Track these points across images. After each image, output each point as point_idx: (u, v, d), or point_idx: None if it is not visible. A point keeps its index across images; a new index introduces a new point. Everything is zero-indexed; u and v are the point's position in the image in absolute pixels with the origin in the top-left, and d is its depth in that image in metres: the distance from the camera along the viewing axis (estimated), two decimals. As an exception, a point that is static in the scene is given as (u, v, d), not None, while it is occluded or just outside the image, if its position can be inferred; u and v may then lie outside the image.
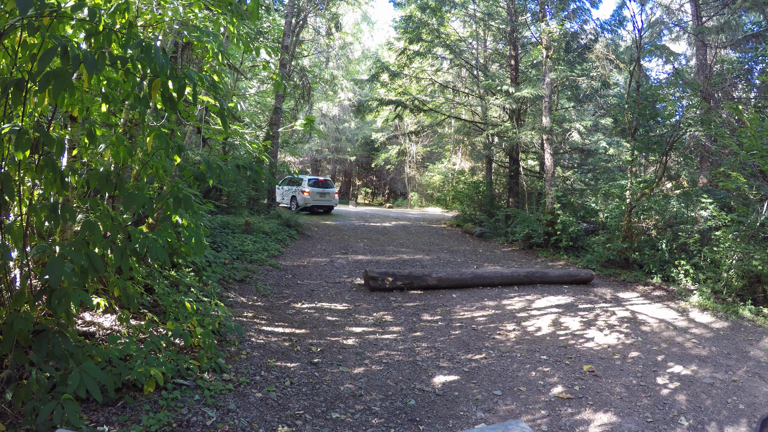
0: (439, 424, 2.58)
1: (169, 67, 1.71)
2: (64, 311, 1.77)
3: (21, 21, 1.59)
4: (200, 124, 3.64)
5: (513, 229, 10.38)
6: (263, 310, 4.51)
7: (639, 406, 2.93)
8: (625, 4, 9.65)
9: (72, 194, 2.60)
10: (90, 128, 1.86)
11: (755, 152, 5.65)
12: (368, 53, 25.01)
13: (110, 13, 1.93)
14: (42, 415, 1.69)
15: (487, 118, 13.41)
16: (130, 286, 2.54)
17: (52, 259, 1.60)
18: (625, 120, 8.24)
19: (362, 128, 24.78)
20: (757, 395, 3.18)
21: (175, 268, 4.23)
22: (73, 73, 1.89)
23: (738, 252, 5.85)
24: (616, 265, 7.85)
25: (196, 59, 4.47)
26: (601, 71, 10.80)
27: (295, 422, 2.44)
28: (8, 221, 2.04)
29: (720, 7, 9.35)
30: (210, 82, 2.16)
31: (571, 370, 3.48)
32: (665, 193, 8.30)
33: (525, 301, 5.55)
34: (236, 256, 6.24)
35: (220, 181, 2.26)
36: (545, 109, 9.71)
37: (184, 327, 3.02)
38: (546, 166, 9.78)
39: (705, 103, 7.80)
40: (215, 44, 2.83)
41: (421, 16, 11.70)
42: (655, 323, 4.86)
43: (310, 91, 13.38)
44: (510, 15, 11.69)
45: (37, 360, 1.76)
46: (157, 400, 2.37)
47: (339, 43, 18.08)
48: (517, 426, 1.72)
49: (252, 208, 11.18)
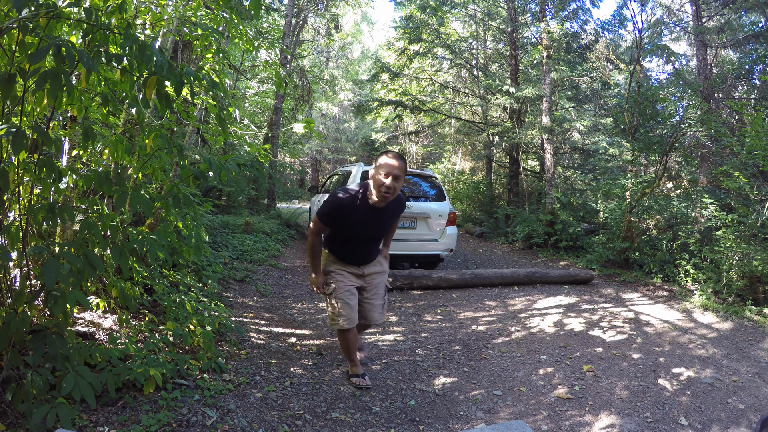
0: (439, 424, 2.58)
1: (166, 65, 1.71)
2: (61, 312, 1.77)
3: (17, 21, 1.59)
4: (200, 125, 3.64)
5: (513, 229, 10.38)
6: (263, 310, 4.51)
7: (639, 406, 2.92)
8: (626, 4, 9.65)
9: (72, 194, 2.60)
10: (87, 127, 1.86)
11: (758, 152, 5.64)
12: (368, 53, 25.02)
13: (107, 13, 1.93)
14: (35, 417, 1.69)
15: (487, 118, 13.42)
16: (128, 287, 2.54)
17: (48, 260, 1.59)
18: (625, 120, 8.24)
19: (362, 128, 24.77)
20: (757, 395, 3.18)
21: (175, 268, 4.23)
22: (72, 72, 1.89)
23: (738, 252, 5.84)
24: (617, 265, 7.84)
25: (196, 58, 4.47)
26: (602, 71, 10.79)
27: (295, 422, 2.44)
28: (7, 222, 2.04)
29: (720, 7, 9.35)
30: (209, 81, 2.15)
31: (571, 370, 3.47)
32: (666, 193, 8.29)
33: (525, 301, 5.55)
34: (236, 256, 6.24)
35: (221, 180, 2.26)
36: (545, 109, 9.71)
37: (184, 327, 3.02)
38: (546, 166, 9.77)
39: (705, 104, 7.80)
40: (216, 42, 2.83)
41: (421, 16, 11.70)
42: (655, 323, 4.85)
43: (311, 92, 13.36)
44: (510, 15, 11.68)
45: (33, 361, 1.76)
46: (157, 400, 2.36)
47: (339, 44, 18.07)
48: (517, 426, 1.72)
49: (252, 208, 11.18)
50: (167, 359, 2.65)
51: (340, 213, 2.68)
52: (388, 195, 2.60)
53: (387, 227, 2.91)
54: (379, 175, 2.59)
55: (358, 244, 2.85)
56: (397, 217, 2.97)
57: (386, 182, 2.56)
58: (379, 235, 2.90)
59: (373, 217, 2.73)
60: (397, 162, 2.58)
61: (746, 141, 5.97)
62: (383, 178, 2.57)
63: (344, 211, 2.67)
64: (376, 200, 2.64)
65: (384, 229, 2.89)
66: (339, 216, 2.69)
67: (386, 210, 2.77)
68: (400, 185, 2.63)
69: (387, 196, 2.60)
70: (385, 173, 2.57)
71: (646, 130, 7.87)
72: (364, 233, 2.80)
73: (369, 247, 2.91)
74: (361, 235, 2.80)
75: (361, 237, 2.82)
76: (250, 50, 3.52)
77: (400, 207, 2.90)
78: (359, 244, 2.86)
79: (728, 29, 9.28)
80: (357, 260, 2.92)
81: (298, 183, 25.56)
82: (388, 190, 2.57)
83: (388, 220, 2.88)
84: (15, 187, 1.94)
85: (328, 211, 2.69)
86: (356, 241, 2.83)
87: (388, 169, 2.57)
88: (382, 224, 2.84)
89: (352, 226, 2.72)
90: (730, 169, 6.12)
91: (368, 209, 2.70)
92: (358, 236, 2.81)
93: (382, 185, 2.57)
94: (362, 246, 2.87)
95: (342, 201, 2.67)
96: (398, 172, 2.58)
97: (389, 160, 2.59)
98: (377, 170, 2.61)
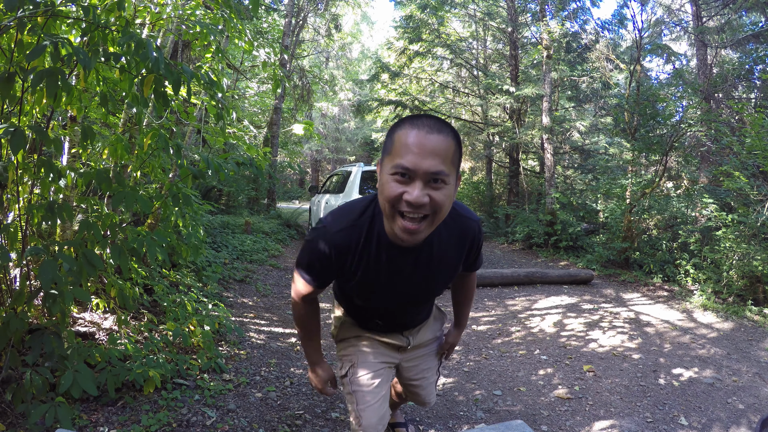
0: (439, 424, 2.57)
1: (163, 62, 1.70)
2: (59, 311, 1.76)
3: (14, 20, 1.59)
4: (199, 125, 3.63)
5: (513, 229, 10.37)
6: (263, 310, 4.50)
7: (639, 406, 2.92)
8: (626, 3, 9.63)
9: (71, 194, 2.60)
10: (86, 126, 1.85)
11: (758, 152, 5.65)
12: (368, 53, 25.03)
13: (105, 10, 1.93)
14: (33, 417, 1.68)
15: (487, 118, 13.41)
16: (128, 287, 2.53)
17: (45, 261, 1.59)
18: (625, 120, 8.24)
19: (362, 128, 24.78)
20: (757, 395, 3.17)
21: (175, 268, 4.23)
22: (71, 72, 1.89)
23: (738, 252, 5.84)
24: (617, 265, 7.84)
25: (195, 58, 4.47)
26: (602, 71, 10.79)
27: (295, 422, 2.44)
28: (6, 221, 2.04)
29: (720, 7, 9.35)
30: (207, 80, 2.15)
31: (571, 370, 3.47)
32: (666, 193, 8.29)
33: (525, 301, 5.54)
34: (236, 256, 6.24)
35: (220, 179, 2.25)
36: (545, 109, 9.70)
37: (183, 327, 3.02)
38: (546, 166, 9.77)
39: (705, 104, 7.80)
40: (215, 42, 2.83)
41: (421, 16, 11.70)
42: (655, 323, 4.85)
43: (310, 92, 13.36)
44: (510, 15, 11.68)
45: (30, 360, 1.75)
46: (157, 400, 2.36)
47: (339, 44, 18.07)
48: (517, 426, 1.71)
49: (252, 208, 11.18)
50: (167, 359, 2.65)
51: (338, 264, 1.26)
52: (415, 228, 1.08)
53: (444, 277, 1.37)
54: (391, 177, 1.06)
55: (389, 309, 1.47)
56: (467, 250, 1.37)
57: (411, 193, 1.04)
58: (426, 294, 1.43)
59: (405, 263, 1.27)
60: (436, 138, 1.03)
61: (746, 141, 5.97)
62: (399, 183, 1.05)
63: (345, 260, 1.26)
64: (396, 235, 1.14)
65: (437, 282, 1.37)
66: (335, 270, 1.29)
67: (432, 246, 1.26)
68: (449, 195, 1.08)
69: (414, 230, 1.09)
70: (405, 167, 1.03)
71: (646, 130, 7.87)
72: (394, 297, 1.37)
73: (412, 311, 1.53)
74: (390, 299, 1.37)
75: (391, 301, 1.39)
76: (249, 50, 3.52)
77: (466, 234, 1.33)
78: (391, 309, 1.47)
79: (728, 29, 9.29)
80: (394, 327, 1.57)
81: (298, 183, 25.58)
82: (416, 212, 1.06)
83: (445, 264, 1.33)
84: (14, 186, 1.94)
85: (312, 262, 1.28)
86: (384, 307, 1.45)
87: (415, 160, 1.02)
88: (431, 274, 1.32)
89: (367, 284, 1.31)
90: (730, 169, 6.11)
91: (395, 256, 1.25)
92: (383, 302, 1.40)
93: (398, 201, 1.06)
94: (399, 312, 1.50)
95: (336, 244, 1.23)
96: (438, 163, 1.03)
97: (420, 133, 1.03)
98: (390, 159, 1.07)
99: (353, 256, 1.25)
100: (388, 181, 1.06)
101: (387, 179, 1.06)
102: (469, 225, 1.33)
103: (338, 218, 1.26)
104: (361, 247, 1.23)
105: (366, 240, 1.23)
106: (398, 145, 1.05)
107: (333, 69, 19.99)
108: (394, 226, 1.11)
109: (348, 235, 1.23)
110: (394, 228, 1.11)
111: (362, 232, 1.23)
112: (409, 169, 1.03)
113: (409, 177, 1.04)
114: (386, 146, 1.10)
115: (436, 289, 1.41)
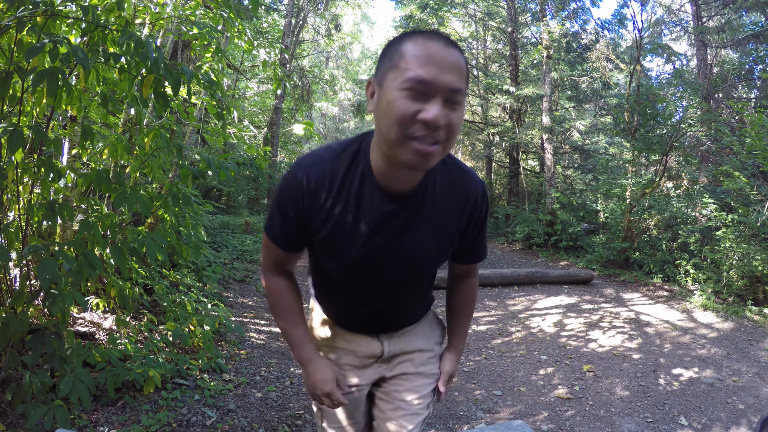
0: (439, 424, 2.57)
1: (162, 61, 1.70)
2: (59, 311, 1.76)
3: (14, 20, 1.59)
4: (199, 125, 3.64)
5: (513, 229, 10.38)
6: (263, 310, 4.50)
7: (639, 406, 2.92)
8: (626, 3, 9.64)
9: (71, 194, 2.60)
10: (85, 126, 1.85)
11: (758, 152, 5.65)
12: (368, 53, 25.01)
13: (105, 10, 1.93)
14: (32, 419, 1.69)
15: (487, 117, 13.42)
16: (128, 287, 2.53)
17: (44, 260, 1.59)
18: (625, 120, 8.24)
19: (362, 128, 24.77)
20: (757, 395, 3.17)
21: (175, 268, 4.23)
22: (71, 72, 1.89)
23: (738, 252, 5.84)
24: (617, 265, 7.84)
25: (195, 58, 4.47)
26: (602, 71, 10.80)
27: (295, 422, 2.43)
28: (6, 221, 2.04)
29: (720, 7, 9.35)
30: (207, 80, 2.15)
31: (571, 370, 3.47)
32: (666, 193, 8.29)
33: (525, 301, 5.54)
34: (236, 256, 6.24)
35: (220, 179, 2.25)
36: (545, 109, 9.71)
37: (183, 327, 3.02)
38: (546, 166, 9.78)
39: (705, 104, 7.80)
40: (215, 42, 2.82)
41: (421, 16, 11.71)
42: (655, 323, 4.85)
43: (310, 92, 13.36)
44: (510, 15, 11.68)
45: (30, 361, 1.75)
46: (157, 400, 2.36)
47: (339, 44, 18.08)
48: (517, 426, 1.71)
49: (252, 208, 11.19)
50: (167, 359, 2.65)
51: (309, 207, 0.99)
52: (430, 150, 0.83)
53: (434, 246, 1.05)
54: (402, 93, 0.81)
55: (368, 289, 1.12)
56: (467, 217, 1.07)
57: (429, 111, 0.80)
58: (410, 268, 1.07)
59: (391, 214, 0.98)
60: (454, 53, 0.82)
61: (746, 141, 5.97)
62: (412, 100, 0.81)
63: (318, 200, 0.98)
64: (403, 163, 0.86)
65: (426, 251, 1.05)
66: (305, 218, 1.01)
67: (426, 196, 1.00)
68: (460, 117, 0.85)
69: (429, 153, 0.83)
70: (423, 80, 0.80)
71: (646, 129, 7.87)
72: (371, 265, 1.05)
73: (395, 297, 1.14)
74: (366, 269, 1.06)
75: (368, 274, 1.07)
76: (249, 50, 3.52)
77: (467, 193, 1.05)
78: (370, 289, 1.11)
79: (728, 29, 9.29)
80: (369, 325, 1.21)
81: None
82: (431, 136, 0.82)
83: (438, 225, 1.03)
84: (14, 186, 1.94)
85: (280, 210, 1.02)
86: (361, 283, 1.11)
87: (435, 73, 0.80)
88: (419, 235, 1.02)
89: (339, 238, 1.01)
90: (730, 169, 6.12)
91: (381, 201, 0.97)
92: (363, 271, 1.07)
93: (411, 121, 0.81)
94: (378, 294, 1.12)
95: (309, 177, 0.97)
96: (459, 79, 0.82)
97: (438, 44, 0.81)
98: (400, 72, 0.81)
99: (328, 194, 0.97)
100: (398, 98, 0.81)
101: (395, 96, 0.81)
102: (472, 183, 1.05)
103: (315, 152, 1.01)
104: (339, 183, 0.97)
105: (347, 176, 0.97)
106: (411, 57, 0.81)
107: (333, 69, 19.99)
108: (401, 153, 0.84)
109: (323, 168, 0.97)
110: (402, 155, 0.84)
111: (342, 166, 0.97)
112: (429, 83, 0.79)
113: (426, 93, 0.80)
114: (389, 59, 0.85)
115: (423, 262, 1.06)
